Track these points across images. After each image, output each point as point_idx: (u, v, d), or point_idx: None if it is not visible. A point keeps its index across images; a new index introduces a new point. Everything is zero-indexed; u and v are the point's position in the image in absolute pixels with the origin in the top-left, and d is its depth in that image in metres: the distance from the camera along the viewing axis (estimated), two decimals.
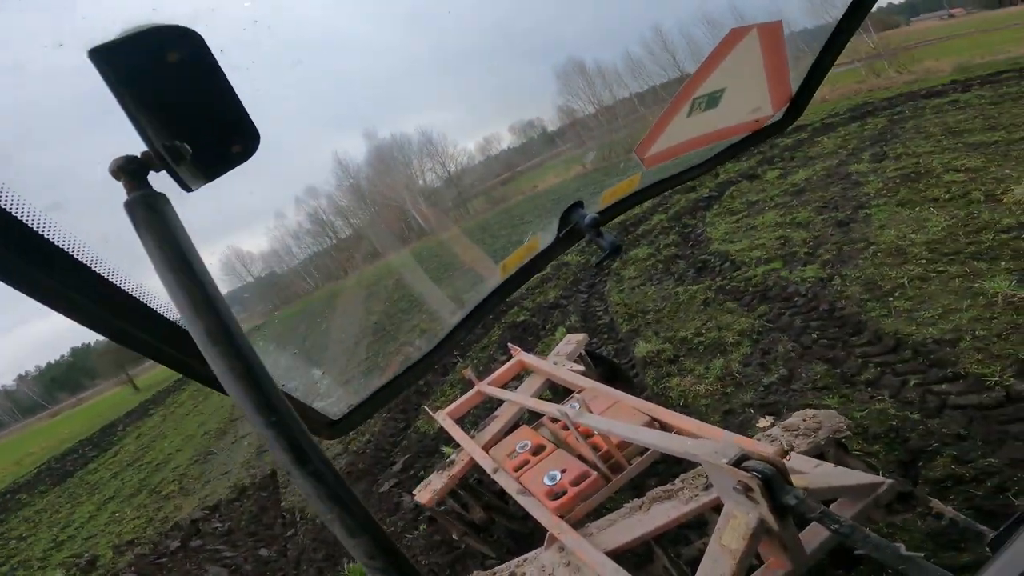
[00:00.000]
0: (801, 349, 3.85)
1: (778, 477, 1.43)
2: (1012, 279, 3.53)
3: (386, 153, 7.15)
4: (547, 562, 2.02)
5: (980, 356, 3.01)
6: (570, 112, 12.07)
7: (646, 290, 6.25)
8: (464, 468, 2.88)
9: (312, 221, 9.47)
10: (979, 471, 2.37)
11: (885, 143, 7.79)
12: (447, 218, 12.40)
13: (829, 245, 5.25)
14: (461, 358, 6.91)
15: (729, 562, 1.48)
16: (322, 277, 11.09)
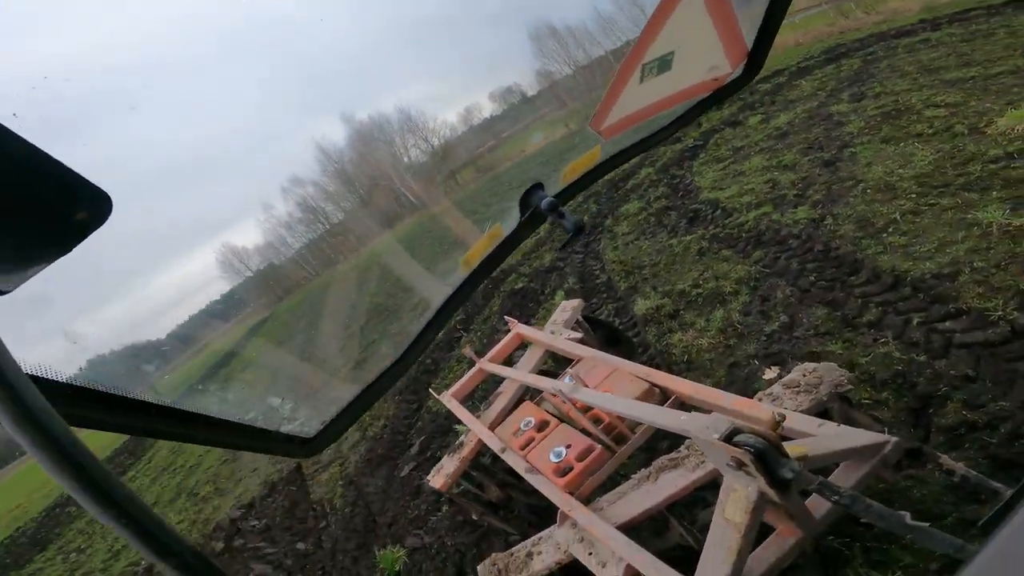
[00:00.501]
0: (800, 293, 3.75)
1: (771, 450, 1.35)
2: (1006, 208, 3.38)
3: (367, 134, 6.94)
4: (561, 539, 1.99)
5: (981, 289, 2.89)
6: (548, 75, 11.65)
7: (640, 244, 6.11)
8: (473, 449, 2.84)
9: (303, 210, 9.30)
10: (992, 416, 2.26)
11: (862, 83, 7.51)
12: (435, 191, 12.17)
13: (818, 185, 5.07)
14: (464, 332, 6.85)
15: (735, 536, 1.41)
16: (319, 263, 11.00)
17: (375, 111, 7.07)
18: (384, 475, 4.82)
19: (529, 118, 12.32)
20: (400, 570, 3.49)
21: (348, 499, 4.83)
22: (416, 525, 3.85)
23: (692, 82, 1.30)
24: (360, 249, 10.78)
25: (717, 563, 1.45)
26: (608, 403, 2.00)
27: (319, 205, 9.35)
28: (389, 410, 6.11)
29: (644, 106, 1.24)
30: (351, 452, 5.74)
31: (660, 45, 1.15)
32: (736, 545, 1.43)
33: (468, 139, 13.92)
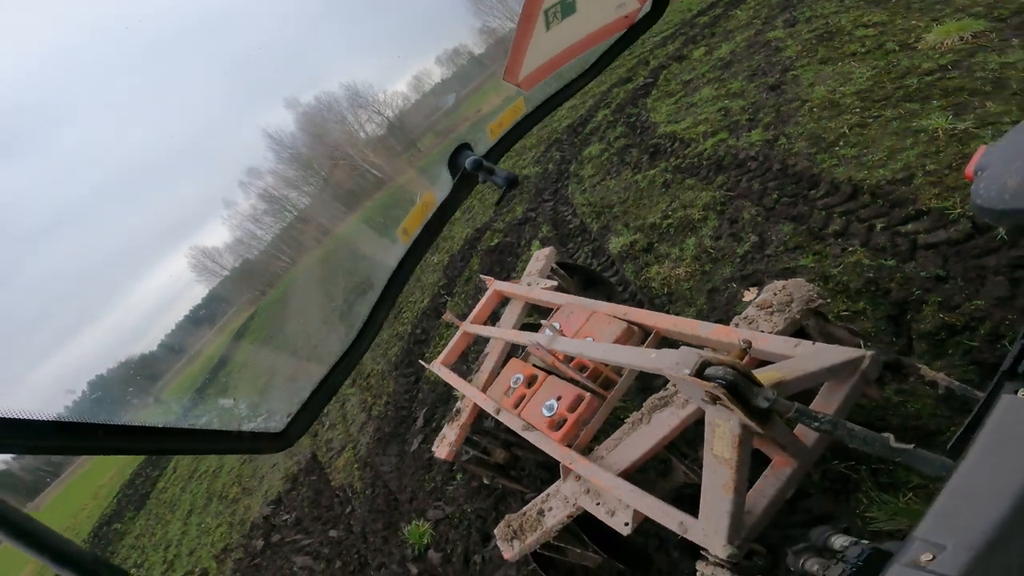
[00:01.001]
0: (765, 212, 3.72)
1: (742, 380, 1.29)
2: (948, 114, 3.33)
3: (316, 116, 6.59)
4: (568, 493, 1.97)
5: (936, 190, 2.87)
6: (491, 31, 11.06)
7: (607, 184, 6.01)
8: (471, 414, 2.81)
9: (266, 201, 8.91)
10: (969, 317, 2.24)
11: (793, 8, 7.30)
12: (398, 162, 11.75)
13: (767, 109, 4.96)
14: (447, 296, 6.78)
15: (727, 472, 1.39)
16: (295, 251, 10.68)
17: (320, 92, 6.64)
18: (396, 452, 4.85)
19: (480, 76, 11.78)
20: (429, 542, 3.55)
21: (367, 481, 4.86)
22: (435, 497, 3.88)
23: (603, 23, 1.20)
24: (332, 230, 10.49)
25: (717, 502, 1.44)
26: (584, 349, 1.96)
27: (282, 193, 8.96)
28: (389, 387, 6.09)
29: (557, 53, 1.15)
30: (360, 434, 5.76)
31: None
32: (731, 481, 1.40)
33: (423, 106, 13.31)
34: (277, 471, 7.09)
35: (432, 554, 3.42)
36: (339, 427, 6.40)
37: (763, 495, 1.51)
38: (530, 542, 1.93)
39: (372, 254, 9.56)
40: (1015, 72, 3.40)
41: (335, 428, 6.49)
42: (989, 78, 3.49)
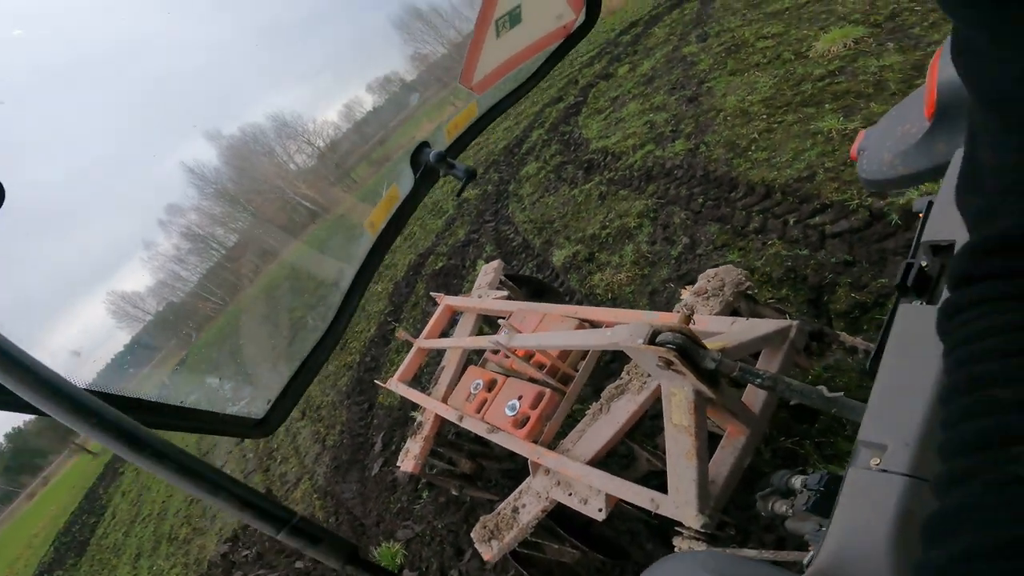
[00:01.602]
0: (694, 215, 3.99)
1: (690, 344, 1.41)
2: (839, 116, 3.76)
3: (240, 149, 6.42)
4: (540, 488, 2.01)
5: (836, 184, 3.21)
6: (423, 57, 11.26)
7: (546, 201, 6.22)
8: (434, 426, 2.80)
9: (190, 240, 8.51)
10: (876, 294, 2.48)
11: (704, 24, 8.01)
12: (334, 192, 11.55)
13: (687, 120, 5.38)
14: (395, 322, 6.70)
15: (688, 439, 1.50)
16: (227, 292, 10.17)
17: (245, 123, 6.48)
18: (356, 478, 4.68)
19: (413, 104, 11.88)
20: (402, 562, 3.44)
21: (329, 509, 4.66)
22: (403, 517, 3.78)
23: (544, 32, 1.34)
24: (266, 266, 10.10)
25: (682, 470, 1.52)
26: (544, 340, 2.04)
27: (207, 232, 8.56)
28: (342, 416, 5.90)
29: (506, 59, 1.26)
30: (316, 464, 5.51)
31: (507, 0, 1.18)
32: (692, 448, 1.50)
33: (355, 135, 13.23)
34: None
35: (407, 574, 3.33)
36: (292, 460, 6.10)
37: (723, 465, 1.63)
38: (508, 540, 1.95)
39: (313, 277, 9.25)
40: (892, 74, 3.88)
41: (288, 462, 6.17)
42: (871, 80, 3.96)
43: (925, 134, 1.49)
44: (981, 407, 0.36)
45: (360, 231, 1.41)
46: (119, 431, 0.55)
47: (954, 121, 1.39)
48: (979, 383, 0.37)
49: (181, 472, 0.58)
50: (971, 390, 0.37)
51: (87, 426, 0.54)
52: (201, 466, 0.60)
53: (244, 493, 0.62)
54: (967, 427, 0.36)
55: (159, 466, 0.57)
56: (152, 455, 0.56)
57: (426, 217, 9.52)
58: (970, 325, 0.39)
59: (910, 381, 0.71)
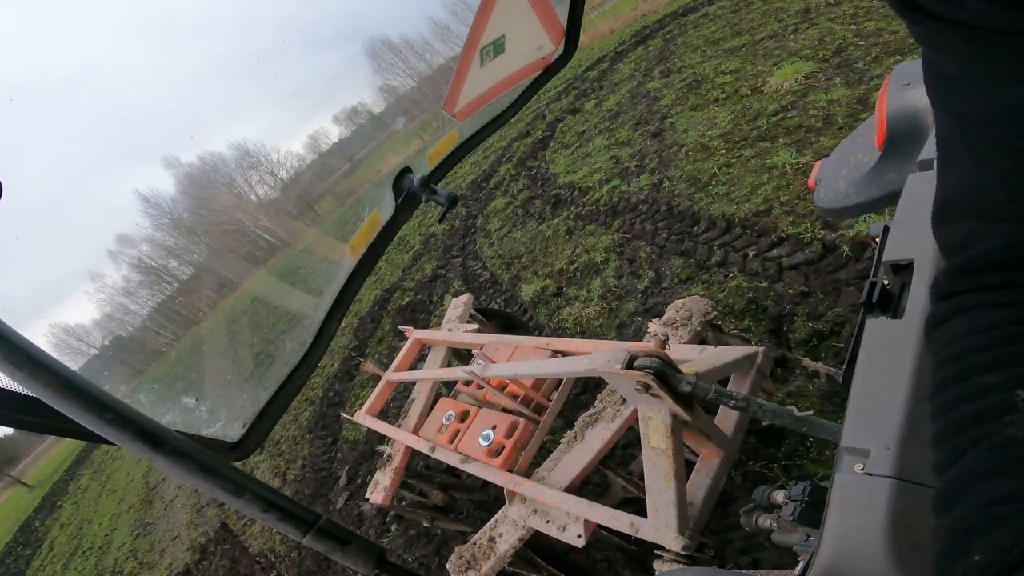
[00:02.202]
0: (658, 250, 4.16)
1: (666, 367, 1.47)
2: (792, 151, 4.06)
3: (200, 177, 6.36)
4: (516, 516, 2.00)
5: (791, 218, 3.44)
6: (392, 89, 11.49)
7: (514, 236, 6.34)
8: (404, 458, 2.76)
9: (141, 272, 8.24)
10: (832, 323, 2.64)
11: (667, 60, 8.52)
12: (296, 225, 11.44)
13: (651, 155, 5.66)
14: (360, 357, 6.58)
15: (666, 462, 1.54)
16: (180, 326, 9.80)
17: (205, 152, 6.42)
18: (320, 512, 4.52)
19: (380, 136, 12.06)
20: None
21: (291, 544, 4.44)
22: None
23: (525, 62, 1.44)
24: (224, 299, 9.81)
25: (662, 492, 1.56)
26: (519, 369, 2.07)
27: (160, 263, 8.30)
28: (304, 450, 5.68)
29: (488, 88, 1.35)
30: None
31: (492, 30, 1.27)
32: (671, 470, 1.54)
33: (320, 166, 13.22)
34: (180, 543, 6.27)
35: None
36: None
37: (700, 487, 1.68)
38: (485, 570, 1.92)
39: (269, 327, 9.02)
40: (839, 108, 4.22)
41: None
42: (820, 115, 4.30)
43: (876, 163, 1.62)
44: (970, 393, 0.41)
45: (335, 258, 1.43)
46: (137, 428, 0.55)
47: (903, 149, 1.52)
48: (965, 375, 0.42)
49: (203, 472, 0.58)
50: (959, 381, 0.42)
51: (102, 422, 0.54)
52: (223, 466, 0.60)
53: (269, 495, 0.61)
54: (959, 411, 0.41)
55: (178, 465, 0.56)
56: (171, 453, 0.56)
57: (392, 252, 9.52)
58: (953, 329, 0.44)
59: (884, 389, 0.78)
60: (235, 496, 0.59)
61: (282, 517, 0.61)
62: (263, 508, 0.60)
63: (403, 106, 11.56)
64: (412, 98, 11.73)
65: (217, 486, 0.58)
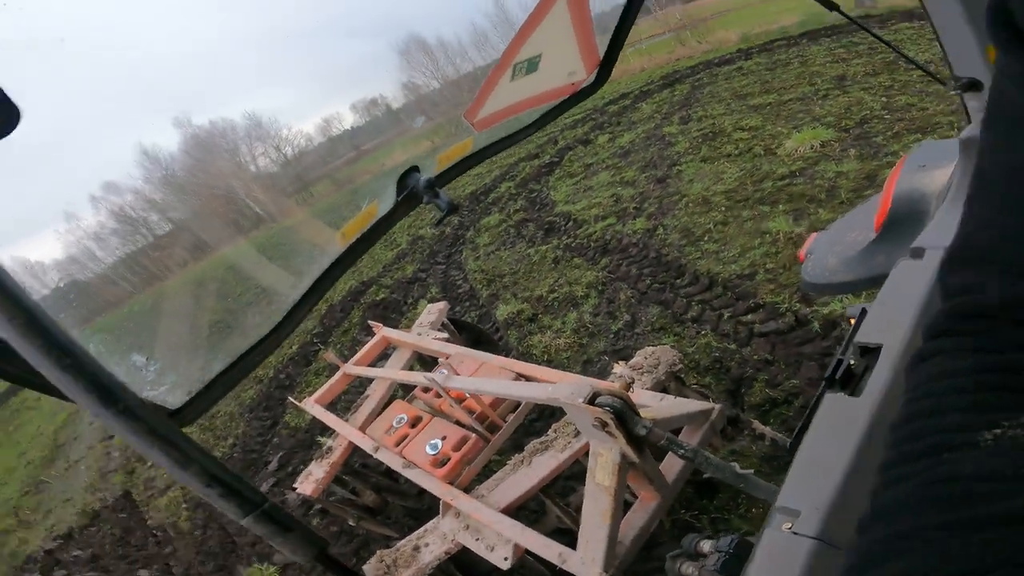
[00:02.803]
0: (639, 295, 4.24)
1: (627, 409, 1.53)
2: (789, 219, 4.21)
3: (206, 140, 6.33)
4: (447, 529, 2.00)
5: (772, 287, 3.55)
6: (414, 88, 11.62)
7: (501, 254, 6.39)
8: (344, 453, 2.72)
9: (118, 220, 8.08)
10: (787, 392, 2.75)
11: (690, 107, 8.73)
12: (288, 202, 11.35)
13: (652, 200, 5.80)
14: (321, 344, 6.50)
15: (606, 499, 1.58)
16: (141, 280, 9.59)
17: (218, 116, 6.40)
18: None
19: (392, 131, 12.13)
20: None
21: (197, 522, 4.28)
22: None
23: (554, 85, 1.49)
24: (196, 262, 9.63)
25: (595, 528, 1.60)
26: (482, 385, 2.09)
27: (140, 215, 8.15)
28: (238, 429, 5.54)
29: (512, 103, 1.39)
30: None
31: (530, 47, 1.31)
32: (609, 507, 1.59)
33: (325, 150, 13.22)
34: (72, 506, 5.97)
35: None
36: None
37: (632, 527, 1.71)
38: None
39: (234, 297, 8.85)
40: (846, 181, 4.36)
41: (160, 467, 5.67)
42: (825, 186, 4.44)
43: (871, 243, 1.65)
44: (934, 428, 0.41)
45: (320, 241, 1.44)
46: (92, 379, 0.53)
47: (900, 233, 1.54)
48: (934, 411, 0.42)
49: (151, 435, 0.56)
50: (925, 416, 0.42)
51: (59, 367, 0.52)
52: (174, 433, 0.59)
53: (216, 469, 0.59)
54: (918, 443, 0.41)
55: (127, 426, 0.54)
56: (123, 412, 0.54)
57: (377, 247, 9.49)
58: (933, 367, 0.45)
59: (827, 459, 0.82)
60: (180, 467, 0.58)
61: (225, 494, 0.60)
62: (207, 482, 0.59)
63: (422, 106, 11.66)
64: (431, 100, 11.84)
65: (163, 452, 0.57)
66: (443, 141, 10.88)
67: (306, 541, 0.63)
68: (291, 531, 0.63)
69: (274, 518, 0.63)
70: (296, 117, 12.07)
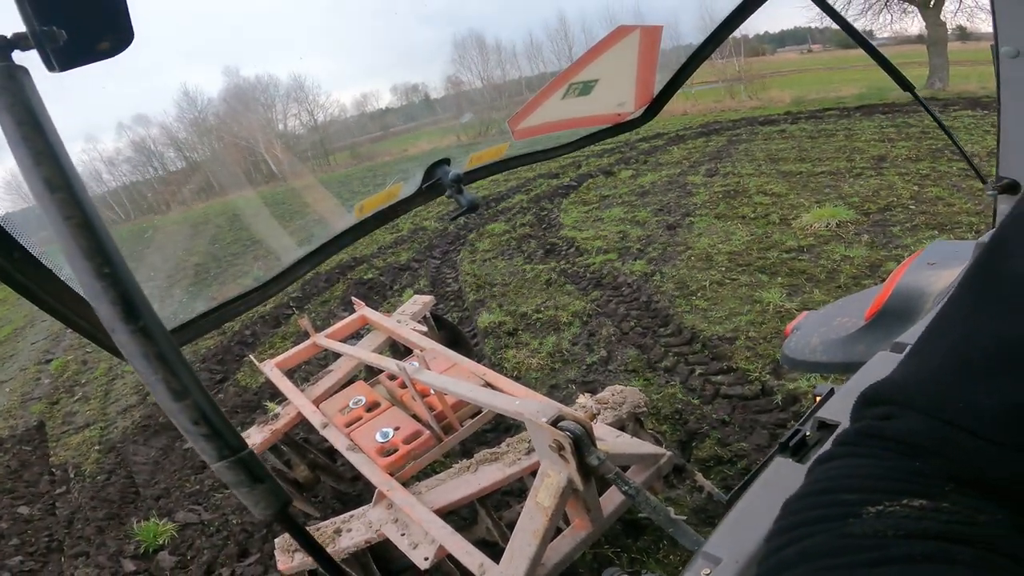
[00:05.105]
0: (620, 334, 4.28)
1: (585, 438, 1.57)
2: (783, 292, 4.29)
3: (247, 92, 6.37)
4: (374, 518, 2.00)
5: (748, 354, 3.62)
6: (457, 83, 11.75)
7: (496, 264, 6.43)
8: (289, 423, 2.70)
9: (136, 150, 8.07)
10: (734, 453, 2.83)
11: (720, 160, 8.82)
12: (303, 166, 11.37)
13: (657, 245, 5.87)
14: (297, 310, 6.47)
15: (542, 519, 1.60)
16: (137, 210, 9.52)
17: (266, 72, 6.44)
18: (161, 445, 4.28)
19: (425, 119, 12.23)
20: (166, 544, 3.15)
21: (105, 467, 4.19)
22: (195, 500, 3.50)
23: (601, 112, 1.54)
24: (193, 203, 9.58)
25: (524, 544, 1.62)
26: (451, 385, 2.10)
27: (159, 150, 8.14)
28: None
29: (557, 120, 1.43)
30: (121, 416, 4.97)
31: (591, 70, 1.36)
32: (542, 528, 1.62)
33: (355, 124, 13.27)
34: None
35: (165, 556, 3.04)
36: (93, 402, 5.47)
37: (558, 552, 1.73)
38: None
39: (223, 245, 8.81)
40: (850, 267, 4.45)
41: (88, 402, 5.52)
42: (828, 267, 4.53)
43: (857, 331, 1.70)
44: (826, 502, 0.46)
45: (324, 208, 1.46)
46: (123, 291, 0.51)
47: (887, 327, 1.59)
48: (827, 491, 0.47)
49: (158, 360, 0.53)
50: (819, 494, 0.48)
51: (95, 275, 0.50)
52: (179, 362, 0.57)
53: (208, 407, 0.57)
54: (811, 513, 0.46)
55: (138, 345, 0.51)
56: (139, 331, 0.52)
57: (379, 229, 9.49)
58: (835, 462, 0.51)
59: (759, 515, 0.86)
60: (174, 398, 0.57)
61: (208, 435, 0.58)
62: (194, 419, 0.58)
63: (459, 102, 11.77)
64: (470, 98, 11.96)
65: (162, 380, 0.55)
66: (470, 140, 10.96)
67: (272, 495, 0.63)
68: (261, 483, 0.62)
69: (249, 468, 0.62)
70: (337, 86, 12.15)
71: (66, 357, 7.02)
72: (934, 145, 7.33)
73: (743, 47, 18.83)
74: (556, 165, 10.87)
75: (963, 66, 14.09)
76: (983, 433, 0.44)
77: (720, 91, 17.65)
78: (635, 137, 12.08)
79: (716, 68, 18.29)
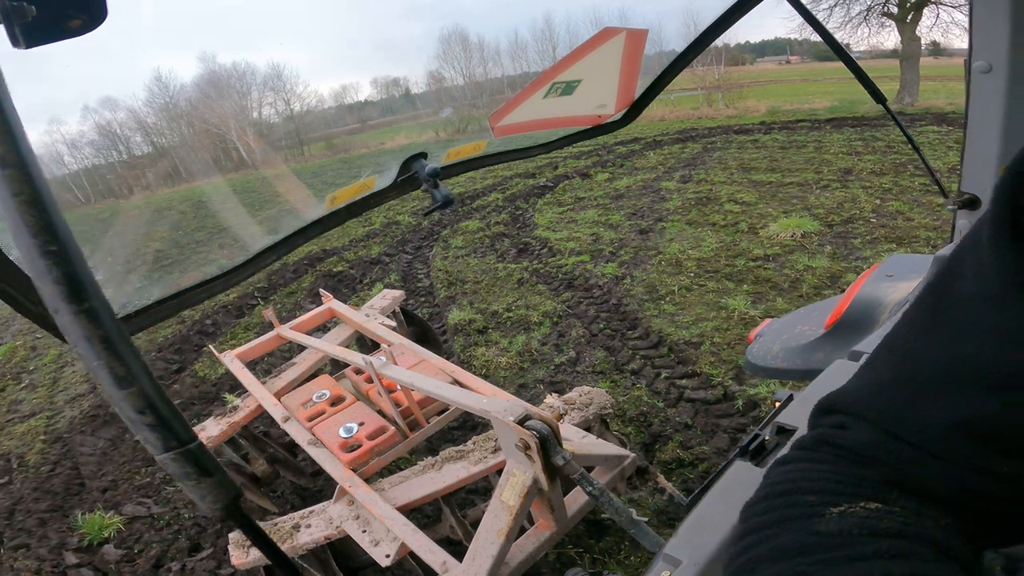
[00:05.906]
0: (589, 336, 4.31)
1: (552, 438, 1.58)
2: (748, 299, 4.39)
3: (222, 79, 6.19)
4: (335, 514, 1.96)
5: (712, 359, 3.70)
6: (439, 79, 11.66)
7: (469, 261, 6.40)
8: (248, 416, 2.62)
9: (100, 133, 7.75)
10: (695, 457, 2.90)
11: (694, 167, 8.99)
12: (276, 155, 11.10)
13: (629, 248, 5.94)
14: (262, 300, 6.31)
15: (507, 518, 1.59)
16: (97, 194, 9.16)
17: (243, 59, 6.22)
18: (110, 436, 4.11)
19: (404, 114, 12.09)
20: (111, 537, 3.03)
21: (50, 457, 4.01)
22: (144, 494, 3.38)
23: (581, 112, 1.54)
24: (162, 188, 9.25)
25: (488, 543, 1.61)
26: (418, 382, 2.07)
27: (125, 134, 7.83)
28: None
29: (537, 119, 1.42)
30: (69, 406, 4.76)
31: (575, 71, 1.36)
32: (506, 527, 1.60)
33: (332, 115, 13.03)
34: None
35: (109, 549, 2.93)
36: (41, 390, 5.22)
37: (521, 551, 1.72)
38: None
39: (187, 232, 8.57)
40: (812, 277, 4.59)
41: (35, 390, 5.26)
42: (791, 277, 4.66)
43: (816, 339, 1.76)
44: (790, 503, 0.49)
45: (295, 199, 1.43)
46: (68, 271, 0.48)
47: (845, 336, 1.64)
48: (789, 493, 0.50)
49: (103, 344, 0.51)
50: (781, 496, 0.50)
51: (41, 252, 0.48)
52: (126, 346, 0.54)
53: (155, 395, 0.54)
54: (775, 514, 0.49)
55: (83, 328, 0.49)
56: (86, 312, 0.49)
57: (351, 221, 9.34)
58: (793, 464, 0.54)
59: (719, 517, 0.87)
60: (118, 384, 0.52)
61: (154, 424, 0.54)
62: (139, 408, 0.54)
63: (440, 98, 11.66)
64: (450, 95, 11.88)
65: (106, 366, 0.51)
66: (449, 136, 10.91)
67: (221, 489, 0.59)
68: (210, 477, 0.58)
69: (198, 461, 0.58)
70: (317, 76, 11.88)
71: (15, 342, 6.69)
72: (898, 159, 7.62)
73: (724, 56, 19.22)
74: (533, 165, 10.89)
75: (933, 81, 14.69)
76: (926, 447, 0.47)
77: (698, 98, 17.95)
78: (613, 141, 12.21)
79: (696, 75, 18.62)
